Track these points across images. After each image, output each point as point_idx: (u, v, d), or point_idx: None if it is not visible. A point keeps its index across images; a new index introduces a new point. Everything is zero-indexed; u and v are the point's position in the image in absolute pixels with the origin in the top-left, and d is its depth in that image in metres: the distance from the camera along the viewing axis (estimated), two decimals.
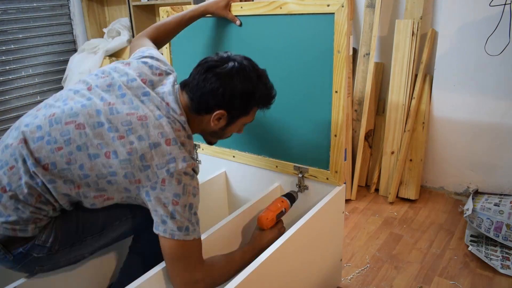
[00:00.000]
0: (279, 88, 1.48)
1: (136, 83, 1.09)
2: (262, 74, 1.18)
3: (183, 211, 1.02)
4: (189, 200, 1.03)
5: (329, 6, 1.27)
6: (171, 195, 1.00)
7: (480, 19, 1.98)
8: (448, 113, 2.18)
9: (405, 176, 2.24)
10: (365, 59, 2.27)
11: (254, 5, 1.44)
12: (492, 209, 1.82)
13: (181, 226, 1.01)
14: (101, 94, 1.07)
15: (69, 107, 1.04)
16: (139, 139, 1.01)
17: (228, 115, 1.13)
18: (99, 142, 1.00)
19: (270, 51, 1.46)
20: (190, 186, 1.03)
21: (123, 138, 1.00)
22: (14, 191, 0.99)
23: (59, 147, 1.00)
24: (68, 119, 1.02)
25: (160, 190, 1.00)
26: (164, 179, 1.00)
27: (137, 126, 1.02)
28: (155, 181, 1.00)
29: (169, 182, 1.00)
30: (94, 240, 1.13)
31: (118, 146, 1.00)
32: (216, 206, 1.76)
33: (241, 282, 1.00)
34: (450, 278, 1.64)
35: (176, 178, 1.01)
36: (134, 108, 1.04)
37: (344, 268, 1.71)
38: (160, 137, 1.02)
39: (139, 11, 3.16)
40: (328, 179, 1.45)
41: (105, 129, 1.01)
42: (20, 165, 0.99)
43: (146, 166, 1.00)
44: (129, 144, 1.00)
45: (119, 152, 1.00)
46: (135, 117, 1.03)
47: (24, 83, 3.30)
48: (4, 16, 3.10)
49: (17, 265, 1.04)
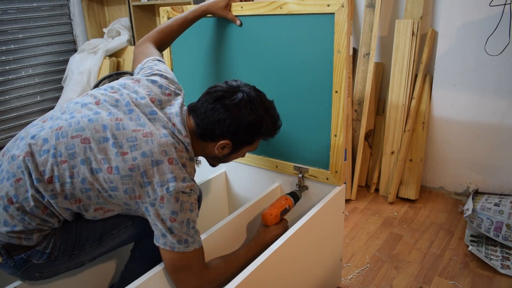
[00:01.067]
0: (279, 88, 1.49)
1: (144, 101, 1.11)
2: (270, 106, 1.21)
3: (181, 226, 1.04)
4: (187, 216, 1.05)
5: (329, 6, 1.27)
6: (169, 213, 1.03)
7: (480, 19, 1.98)
8: (448, 113, 2.19)
9: (405, 176, 2.24)
10: (365, 59, 2.27)
11: (254, 5, 1.44)
12: (492, 209, 1.82)
13: (180, 240, 1.04)
14: (109, 109, 1.08)
15: (76, 121, 1.05)
16: (143, 155, 1.02)
17: (233, 144, 1.16)
18: (102, 157, 1.02)
19: (270, 51, 1.46)
20: (187, 202, 1.05)
21: (127, 154, 1.02)
22: (21, 203, 0.99)
23: (63, 160, 1.01)
24: (74, 133, 1.03)
25: (159, 206, 1.03)
26: (163, 197, 1.02)
27: (142, 143, 1.03)
28: (154, 197, 1.02)
29: (167, 200, 1.02)
30: (93, 249, 1.13)
31: (120, 162, 1.01)
32: (216, 206, 1.76)
33: (241, 282, 1.00)
34: (450, 278, 1.64)
35: (175, 197, 1.02)
36: (141, 125, 1.06)
37: (344, 268, 1.71)
38: (164, 155, 1.03)
39: (139, 11, 3.16)
40: (328, 179, 1.45)
41: (109, 145, 1.02)
42: (27, 178, 1.00)
43: (147, 182, 1.02)
44: (132, 160, 1.02)
45: (121, 168, 1.01)
46: (140, 133, 1.04)
47: (24, 83, 3.30)
48: (4, 16, 3.10)
49: (17, 271, 1.05)
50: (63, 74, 3.41)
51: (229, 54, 1.58)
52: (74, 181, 1.01)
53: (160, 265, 1.12)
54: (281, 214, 1.36)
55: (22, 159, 1.00)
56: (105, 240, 1.14)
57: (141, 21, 3.19)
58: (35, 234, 1.02)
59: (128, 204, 1.05)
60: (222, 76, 1.63)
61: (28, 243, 1.01)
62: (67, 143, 1.02)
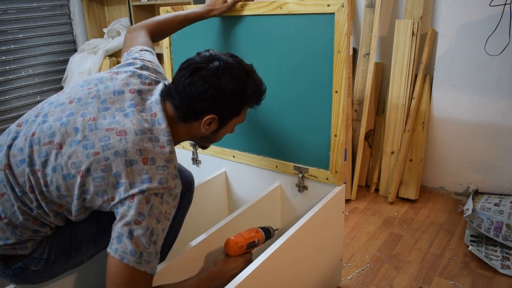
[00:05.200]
0: (279, 88, 1.49)
1: (122, 95, 1.03)
2: (250, 70, 1.10)
3: (144, 234, 0.92)
4: (153, 225, 0.93)
5: (329, 6, 1.27)
6: (136, 214, 0.92)
7: (480, 19, 1.98)
8: (448, 113, 2.19)
9: (405, 176, 2.24)
10: (365, 59, 2.27)
11: (254, 5, 1.44)
12: (492, 209, 1.82)
13: (135, 250, 0.91)
14: (82, 108, 1.01)
15: (48, 126, 1.00)
16: (115, 155, 0.94)
17: (219, 118, 1.07)
18: (73, 161, 0.95)
19: (270, 51, 1.46)
20: (157, 209, 0.95)
21: (98, 154, 0.95)
22: (9, 218, 0.97)
23: (37, 169, 0.96)
24: (46, 140, 0.98)
25: (127, 206, 0.93)
26: (134, 195, 0.93)
27: (115, 142, 0.95)
28: (124, 197, 0.93)
29: (137, 200, 0.93)
30: (89, 247, 1.12)
31: (92, 164, 0.94)
32: (216, 206, 1.76)
33: (241, 282, 1.00)
34: (450, 278, 1.64)
35: (146, 197, 0.93)
36: (115, 123, 0.98)
37: (344, 268, 1.71)
38: (138, 155, 0.95)
39: (139, 11, 3.16)
40: (328, 179, 1.45)
41: (80, 147, 0.96)
42: (10, 192, 0.97)
43: (120, 183, 0.94)
44: (104, 161, 0.94)
45: (93, 169, 0.94)
46: (114, 132, 0.96)
47: (24, 83, 3.30)
48: (4, 16, 3.10)
49: (17, 279, 1.04)
50: (63, 74, 3.41)
51: None
52: (50, 189, 0.97)
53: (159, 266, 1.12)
54: (248, 246, 1.19)
55: (3, 173, 0.97)
56: (100, 237, 1.13)
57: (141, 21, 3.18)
58: (29, 243, 1.01)
59: (104, 207, 0.98)
60: None
61: (24, 251, 1.00)
62: (39, 150, 0.97)
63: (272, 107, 1.52)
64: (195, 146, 1.81)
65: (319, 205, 1.32)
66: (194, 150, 1.83)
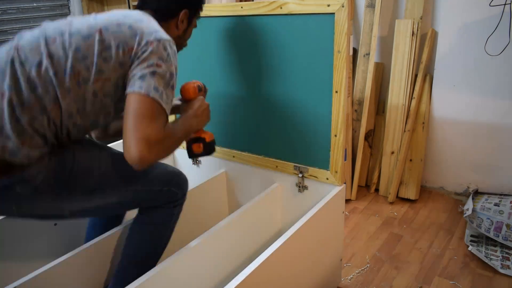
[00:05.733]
0: (279, 88, 1.49)
1: None
2: None
3: (164, 75, 1.04)
4: (171, 69, 1.06)
5: (329, 6, 1.27)
6: (156, 58, 1.04)
7: (480, 19, 1.98)
8: (448, 113, 2.19)
9: (405, 176, 2.24)
10: (365, 59, 2.27)
11: (254, 5, 1.44)
12: (492, 209, 1.82)
13: (158, 88, 1.02)
14: None
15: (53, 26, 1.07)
16: (124, 17, 1.07)
17: (189, 13, 1.25)
18: (89, 23, 1.05)
19: (270, 51, 1.46)
20: (172, 58, 1.08)
21: (110, 19, 1.07)
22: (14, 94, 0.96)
23: (53, 39, 1.02)
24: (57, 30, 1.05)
25: (148, 52, 1.04)
26: (152, 42, 1.04)
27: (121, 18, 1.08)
28: (144, 43, 1.04)
29: (156, 46, 1.04)
30: (81, 199, 1.09)
31: (107, 23, 1.05)
32: (216, 206, 1.76)
33: (241, 282, 1.00)
34: (450, 278, 1.64)
35: (163, 45, 1.06)
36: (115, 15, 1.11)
37: (344, 268, 1.71)
38: (143, 16, 1.11)
39: None
40: (328, 179, 1.45)
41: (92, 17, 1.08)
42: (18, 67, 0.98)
43: (135, 33, 1.05)
44: (116, 21, 1.06)
45: (109, 26, 1.04)
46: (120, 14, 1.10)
47: None
48: (4, 16, 3.10)
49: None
50: None
51: (228, 54, 1.58)
52: (68, 52, 1.01)
53: (159, 266, 1.12)
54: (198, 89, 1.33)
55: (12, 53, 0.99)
56: (96, 194, 1.11)
57: None
58: (23, 149, 0.96)
59: (122, 64, 1.04)
60: (222, 76, 1.63)
61: (13, 157, 0.96)
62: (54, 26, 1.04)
63: (272, 107, 1.52)
64: None
65: (319, 205, 1.32)
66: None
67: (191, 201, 1.58)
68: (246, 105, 1.60)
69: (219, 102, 1.67)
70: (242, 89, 1.59)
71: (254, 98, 1.56)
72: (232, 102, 1.64)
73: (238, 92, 1.60)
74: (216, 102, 1.68)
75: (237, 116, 1.64)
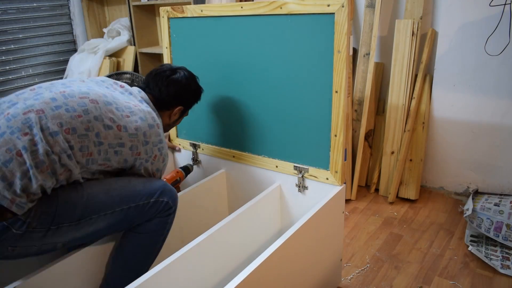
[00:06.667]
0: (279, 88, 1.49)
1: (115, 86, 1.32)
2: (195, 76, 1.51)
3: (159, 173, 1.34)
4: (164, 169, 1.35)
5: (329, 6, 1.27)
6: (155, 168, 1.30)
7: (480, 19, 1.98)
8: (448, 113, 2.19)
9: (405, 176, 2.24)
10: (365, 59, 2.27)
11: (254, 5, 1.44)
12: (492, 209, 1.82)
13: None
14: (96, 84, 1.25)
15: (78, 87, 1.17)
16: (141, 119, 1.22)
17: (184, 109, 1.47)
18: (111, 116, 1.16)
19: (270, 51, 1.46)
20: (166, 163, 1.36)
21: (129, 117, 1.20)
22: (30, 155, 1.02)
23: (78, 115, 1.10)
24: (81, 95, 1.15)
25: (150, 163, 1.27)
26: (156, 155, 1.28)
27: (136, 110, 1.23)
28: (150, 155, 1.25)
29: (158, 159, 1.29)
30: (70, 229, 1.11)
31: (127, 122, 1.18)
32: (216, 206, 1.76)
33: (241, 282, 1.00)
34: (450, 278, 1.64)
35: (163, 158, 1.31)
36: (127, 99, 1.26)
37: (344, 268, 1.71)
38: (153, 121, 1.26)
39: (139, 11, 3.16)
40: (328, 179, 1.45)
41: (113, 108, 1.18)
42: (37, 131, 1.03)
43: (147, 141, 1.23)
44: (135, 123, 1.20)
45: (128, 127, 1.18)
46: (131, 104, 1.24)
47: (24, 83, 3.30)
48: (4, 16, 3.10)
49: None
50: (63, 74, 3.41)
51: (229, 54, 1.58)
52: (90, 134, 1.11)
53: (159, 266, 1.12)
54: (173, 184, 1.60)
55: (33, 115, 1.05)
56: (83, 223, 1.12)
57: (141, 21, 3.18)
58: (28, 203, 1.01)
59: (126, 161, 1.21)
60: (221, 76, 1.63)
61: (18, 210, 1.00)
62: (78, 101, 1.12)
63: (271, 107, 1.53)
64: (195, 146, 1.81)
65: (319, 205, 1.32)
66: (194, 151, 1.83)
67: (191, 201, 1.59)
68: (245, 105, 1.60)
69: (219, 102, 1.67)
70: (241, 89, 1.59)
71: (254, 98, 1.56)
72: (232, 102, 1.64)
73: (238, 92, 1.60)
74: (216, 102, 1.69)
75: (237, 116, 1.64)
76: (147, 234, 1.26)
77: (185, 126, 1.84)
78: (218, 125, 1.72)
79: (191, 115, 1.71)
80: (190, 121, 1.79)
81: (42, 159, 1.02)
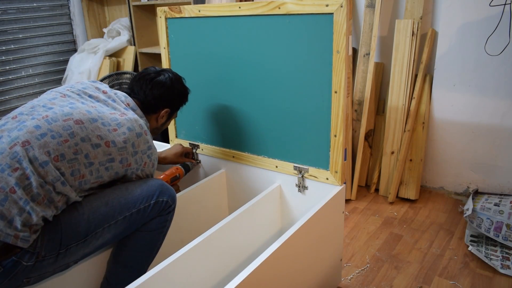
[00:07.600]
0: (278, 88, 1.49)
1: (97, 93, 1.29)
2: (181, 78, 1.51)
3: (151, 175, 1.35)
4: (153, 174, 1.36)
5: (328, 6, 1.26)
6: (145, 174, 1.31)
7: (480, 19, 1.97)
8: (448, 113, 2.18)
9: (405, 176, 2.24)
10: (365, 59, 2.27)
11: (252, 5, 1.44)
12: (492, 209, 1.82)
13: None
14: (79, 100, 1.22)
15: (60, 109, 1.14)
16: (128, 130, 1.21)
17: (170, 112, 1.46)
18: (98, 134, 1.14)
19: (269, 52, 1.46)
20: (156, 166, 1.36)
21: (116, 130, 1.18)
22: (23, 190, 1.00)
23: (65, 140, 1.09)
24: (65, 117, 1.12)
25: (141, 171, 1.28)
26: (146, 162, 1.28)
27: (123, 121, 1.21)
28: (140, 163, 1.26)
29: (148, 165, 1.29)
30: (78, 248, 1.13)
31: (115, 136, 1.17)
32: (216, 206, 1.76)
33: (241, 282, 1.00)
34: (450, 278, 1.64)
35: (153, 163, 1.32)
36: (112, 109, 1.24)
37: (344, 268, 1.71)
38: (140, 129, 1.25)
39: (139, 11, 3.16)
40: (328, 179, 1.45)
41: (99, 124, 1.16)
42: (27, 165, 1.01)
43: (136, 152, 1.23)
44: (123, 135, 1.19)
45: (117, 141, 1.17)
46: (117, 115, 1.22)
47: (24, 83, 3.30)
48: (4, 16, 3.10)
49: (5, 279, 1.02)
50: (63, 74, 3.41)
51: (227, 55, 1.58)
52: (79, 157, 1.10)
53: (158, 266, 1.12)
54: (171, 180, 1.60)
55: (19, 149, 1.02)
56: (90, 239, 1.14)
57: (141, 21, 3.18)
58: (32, 236, 1.01)
59: (118, 173, 1.21)
60: (220, 77, 1.63)
61: (23, 244, 1.00)
62: (62, 125, 1.10)
63: (271, 107, 1.52)
64: (195, 146, 1.81)
65: (319, 205, 1.32)
66: (194, 151, 1.83)
67: (191, 201, 1.59)
68: (245, 105, 1.60)
69: (218, 103, 1.67)
70: (241, 90, 1.59)
71: (253, 98, 1.56)
72: (231, 102, 1.64)
73: (237, 92, 1.60)
74: (215, 103, 1.69)
75: (236, 117, 1.64)
76: (148, 233, 1.26)
77: (185, 127, 1.84)
78: (217, 126, 1.72)
79: (190, 115, 1.71)
80: (189, 121, 1.79)
81: (36, 191, 1.02)
